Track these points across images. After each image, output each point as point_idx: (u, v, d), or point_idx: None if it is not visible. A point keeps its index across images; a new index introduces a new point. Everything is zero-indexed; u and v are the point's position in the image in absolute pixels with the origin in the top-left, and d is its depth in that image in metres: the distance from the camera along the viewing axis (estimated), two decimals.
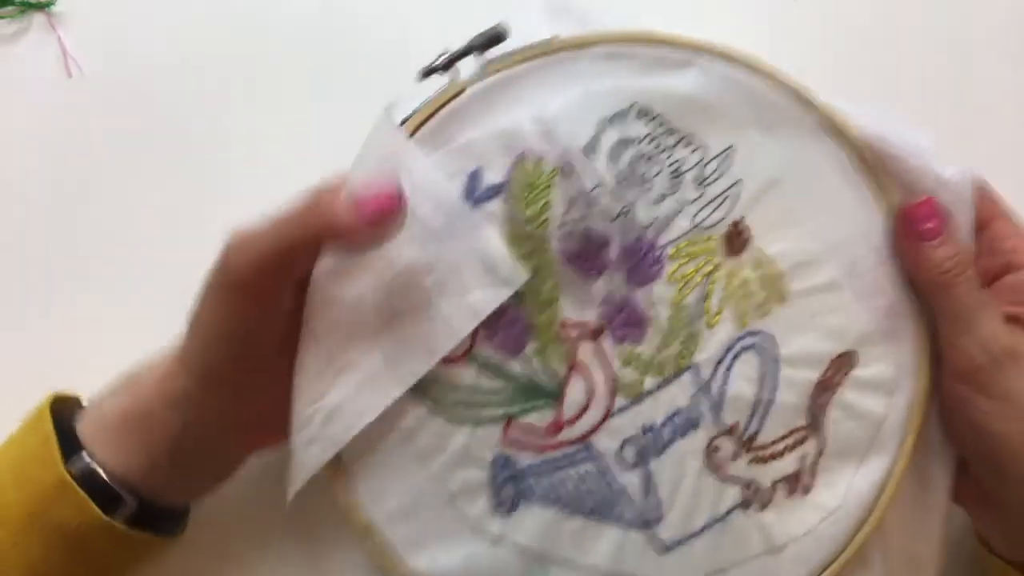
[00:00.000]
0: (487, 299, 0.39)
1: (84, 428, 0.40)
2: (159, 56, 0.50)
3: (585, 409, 0.40)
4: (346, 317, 0.40)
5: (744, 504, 0.40)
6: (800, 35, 0.51)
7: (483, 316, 0.39)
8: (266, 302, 0.38)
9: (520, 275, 0.39)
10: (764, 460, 0.40)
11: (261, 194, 0.47)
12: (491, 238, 0.39)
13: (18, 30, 0.51)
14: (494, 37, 0.41)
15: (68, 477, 0.38)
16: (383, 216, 0.37)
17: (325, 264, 0.40)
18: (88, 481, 0.38)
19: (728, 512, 0.40)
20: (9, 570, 0.38)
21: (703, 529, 0.40)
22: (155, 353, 0.42)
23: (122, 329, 0.48)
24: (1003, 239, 0.37)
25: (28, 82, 0.50)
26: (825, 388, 0.40)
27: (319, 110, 0.49)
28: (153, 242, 0.49)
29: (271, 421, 0.41)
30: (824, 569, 0.40)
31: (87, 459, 0.39)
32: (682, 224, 0.40)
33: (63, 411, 0.41)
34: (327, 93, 0.50)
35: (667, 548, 0.40)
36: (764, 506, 0.40)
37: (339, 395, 0.40)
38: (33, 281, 0.49)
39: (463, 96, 0.41)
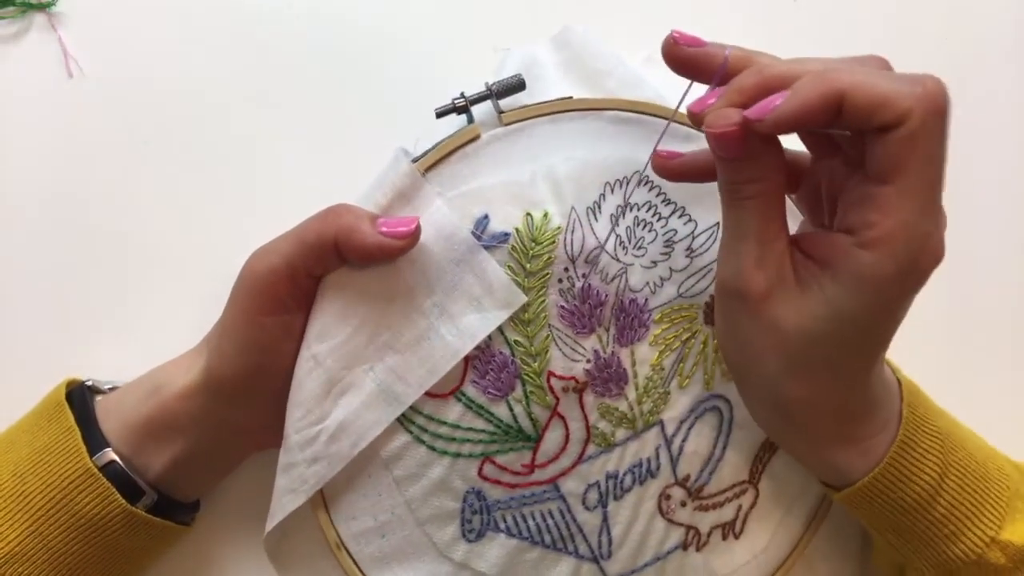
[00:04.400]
0: (485, 321, 0.41)
1: (107, 425, 0.41)
2: (159, 56, 0.49)
3: (559, 455, 0.42)
4: (348, 341, 0.41)
5: (684, 546, 0.44)
6: (800, 35, 0.52)
7: (481, 337, 0.41)
8: (283, 315, 0.41)
9: (519, 297, 0.41)
10: (707, 508, 0.44)
11: (261, 193, 0.49)
12: (490, 263, 0.41)
13: (19, 30, 0.50)
14: (512, 86, 0.42)
15: (94, 468, 0.39)
16: (400, 234, 0.40)
17: (327, 289, 0.41)
18: (111, 474, 0.40)
19: (669, 552, 0.44)
20: (30, 557, 0.39)
21: (645, 566, 0.44)
22: (171, 360, 0.44)
23: (120, 327, 0.48)
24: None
25: (28, 82, 0.49)
26: (767, 449, 0.45)
27: (318, 108, 0.49)
28: (153, 241, 0.49)
29: (276, 428, 0.43)
30: None
31: (112, 454, 0.40)
32: (669, 291, 0.43)
33: (79, 399, 0.42)
34: (327, 91, 0.49)
35: None
36: (700, 548, 0.45)
37: (343, 414, 0.41)
38: (33, 280, 0.48)
39: (478, 142, 0.42)
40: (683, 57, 0.36)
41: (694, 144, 0.43)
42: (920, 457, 0.39)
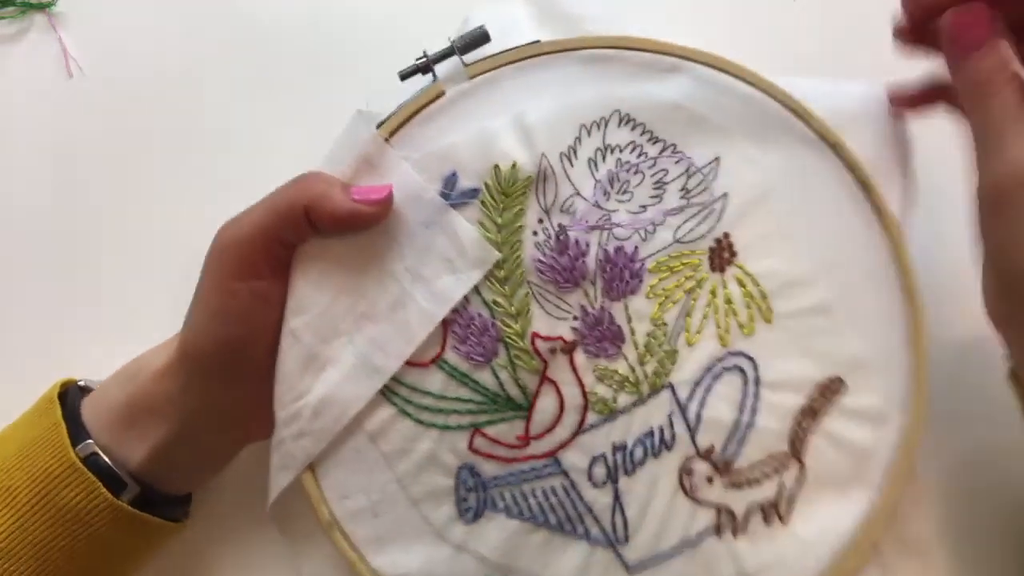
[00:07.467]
0: (459, 282, 0.39)
1: (88, 415, 0.41)
2: (159, 56, 0.51)
3: (554, 424, 0.39)
4: (324, 314, 0.40)
5: (717, 529, 0.39)
6: (800, 35, 0.49)
7: (456, 299, 0.39)
8: (255, 281, 0.39)
9: (492, 254, 0.39)
10: (740, 485, 0.39)
11: (260, 192, 0.48)
12: (460, 222, 0.39)
13: (19, 30, 0.51)
14: (476, 39, 0.41)
15: (78, 461, 0.39)
16: (372, 200, 0.39)
17: (300, 262, 0.41)
18: (94, 466, 0.40)
19: (700, 536, 0.39)
20: (15, 552, 0.39)
21: (673, 552, 0.39)
22: (154, 346, 0.43)
23: (120, 324, 0.49)
24: None
25: (28, 82, 0.51)
26: (809, 414, 0.39)
27: (317, 107, 0.49)
28: (152, 240, 0.49)
29: (263, 416, 0.42)
30: None
31: (94, 446, 0.40)
32: (664, 237, 0.39)
33: (70, 397, 0.42)
34: (325, 91, 0.50)
35: (634, 568, 0.39)
36: (737, 533, 0.39)
37: (324, 389, 0.40)
38: (33, 279, 0.50)
39: (442, 99, 0.40)
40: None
41: (681, 75, 0.39)
42: None
